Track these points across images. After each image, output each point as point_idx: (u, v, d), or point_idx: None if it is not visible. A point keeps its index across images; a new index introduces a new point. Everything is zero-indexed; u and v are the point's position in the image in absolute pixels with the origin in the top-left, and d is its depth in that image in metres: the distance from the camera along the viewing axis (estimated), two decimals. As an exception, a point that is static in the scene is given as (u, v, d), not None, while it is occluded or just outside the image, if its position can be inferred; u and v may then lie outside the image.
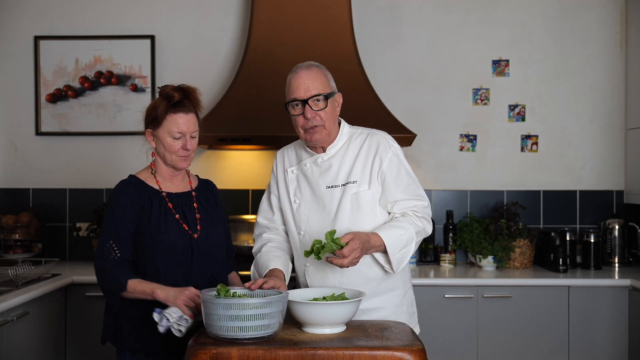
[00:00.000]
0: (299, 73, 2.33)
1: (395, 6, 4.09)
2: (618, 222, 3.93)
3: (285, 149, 2.55)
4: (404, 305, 2.44)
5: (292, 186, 2.44)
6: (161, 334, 2.12)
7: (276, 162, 2.52)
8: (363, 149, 2.38)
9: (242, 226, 3.95)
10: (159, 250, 2.26)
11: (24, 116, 4.11)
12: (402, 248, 2.28)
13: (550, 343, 3.45)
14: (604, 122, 4.08)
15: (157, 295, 2.16)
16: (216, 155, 4.07)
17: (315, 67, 2.35)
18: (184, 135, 2.29)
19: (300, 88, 2.30)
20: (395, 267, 2.30)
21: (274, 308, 1.93)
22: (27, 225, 3.93)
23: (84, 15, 4.10)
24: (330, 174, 2.38)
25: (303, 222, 2.40)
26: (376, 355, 1.85)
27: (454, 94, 4.09)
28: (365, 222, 2.34)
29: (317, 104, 2.30)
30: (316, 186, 2.39)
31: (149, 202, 2.29)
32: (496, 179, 4.09)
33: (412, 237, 2.29)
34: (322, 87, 2.31)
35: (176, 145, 2.29)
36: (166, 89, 2.31)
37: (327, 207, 2.36)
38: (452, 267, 3.87)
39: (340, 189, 2.36)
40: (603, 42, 4.07)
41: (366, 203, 2.35)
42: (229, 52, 4.09)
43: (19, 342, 2.93)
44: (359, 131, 2.45)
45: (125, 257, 2.25)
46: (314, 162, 2.41)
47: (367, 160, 2.37)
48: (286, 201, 2.45)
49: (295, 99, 2.31)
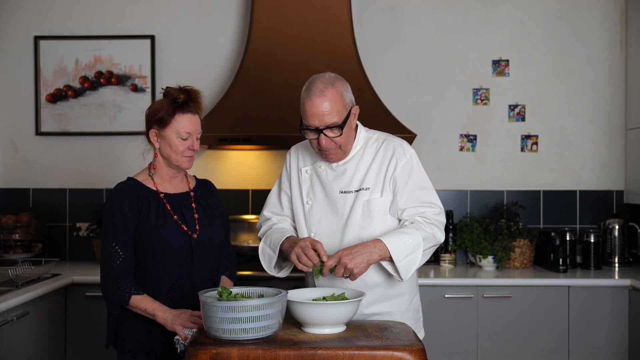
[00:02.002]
0: (313, 100, 2.21)
1: (395, 6, 4.09)
2: (618, 222, 3.93)
3: (299, 146, 2.51)
4: (410, 312, 2.43)
5: (305, 186, 2.42)
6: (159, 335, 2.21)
7: (289, 159, 2.49)
8: (378, 155, 2.36)
9: (242, 226, 3.95)
10: (159, 251, 2.26)
11: (24, 116, 4.11)
12: (409, 254, 2.24)
13: (550, 343, 3.45)
14: (604, 122, 4.08)
15: (158, 318, 2.19)
16: (216, 155, 4.07)
17: (330, 88, 2.23)
18: (192, 135, 2.31)
19: (314, 118, 2.22)
20: (403, 274, 2.25)
21: (273, 309, 1.93)
22: (27, 225, 3.93)
23: (84, 15, 4.10)
24: (345, 179, 2.36)
25: (314, 224, 2.38)
26: (376, 355, 1.85)
27: (454, 94, 4.09)
28: (375, 230, 2.32)
29: (333, 131, 2.25)
30: (330, 190, 2.37)
31: (147, 203, 2.29)
32: (496, 179, 4.09)
33: (418, 243, 2.25)
34: (337, 114, 2.22)
35: (183, 145, 2.30)
36: (171, 90, 2.32)
37: (339, 212, 2.35)
38: (452, 267, 3.87)
39: (353, 195, 2.34)
40: (603, 42, 4.07)
41: (377, 211, 2.33)
42: (229, 52, 4.09)
43: (19, 342, 2.93)
44: (376, 136, 2.41)
45: (129, 260, 2.26)
46: (328, 166, 2.39)
47: (381, 167, 2.34)
48: (298, 200, 2.42)
49: (308, 126, 2.25)
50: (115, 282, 2.23)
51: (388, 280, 2.35)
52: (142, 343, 2.27)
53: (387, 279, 2.34)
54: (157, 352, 2.28)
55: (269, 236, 2.41)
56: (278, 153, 4.06)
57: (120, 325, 2.29)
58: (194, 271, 2.30)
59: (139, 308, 2.21)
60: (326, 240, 2.34)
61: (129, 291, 2.21)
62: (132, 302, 2.21)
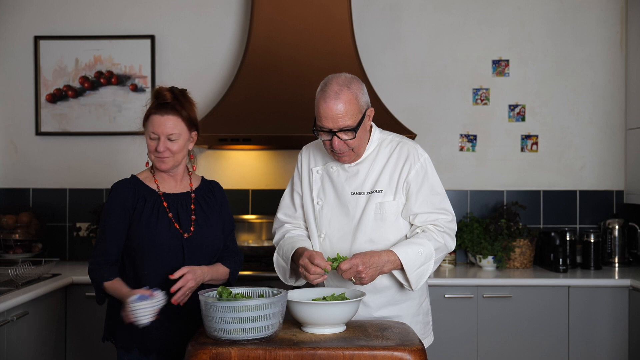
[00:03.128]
0: (327, 102, 2.18)
1: (395, 6, 4.09)
2: (618, 222, 3.94)
3: (310, 146, 2.49)
4: (420, 315, 2.42)
5: (316, 187, 2.40)
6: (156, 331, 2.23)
7: (301, 159, 2.47)
8: (392, 157, 2.33)
9: (242, 226, 3.95)
10: (148, 248, 2.28)
11: (24, 116, 4.11)
12: (421, 265, 2.23)
13: (550, 343, 3.45)
14: (604, 122, 4.08)
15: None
16: (216, 155, 4.07)
17: (346, 90, 2.19)
18: (159, 136, 2.29)
19: (328, 120, 2.19)
20: (414, 285, 2.25)
21: (273, 309, 1.93)
22: (27, 225, 3.93)
23: (84, 15, 4.10)
24: (357, 180, 2.33)
25: (324, 225, 2.36)
26: (376, 355, 1.85)
27: (454, 94, 4.09)
28: (387, 233, 2.31)
29: (346, 134, 2.22)
30: (341, 191, 2.35)
31: (142, 201, 2.31)
32: (496, 179, 4.09)
33: (430, 254, 2.24)
34: (352, 117, 2.19)
35: (152, 146, 2.31)
36: (158, 89, 2.33)
37: (350, 214, 2.33)
38: (452, 267, 3.87)
39: (366, 197, 2.32)
40: (603, 42, 4.07)
41: (390, 214, 2.31)
42: (229, 52, 4.09)
43: (19, 342, 2.93)
44: (390, 138, 2.39)
45: (114, 252, 2.30)
46: (340, 166, 2.36)
47: (395, 170, 2.32)
48: (309, 201, 2.40)
49: (322, 127, 2.23)
50: (93, 271, 2.29)
51: (398, 284, 2.33)
52: (136, 338, 2.28)
53: (397, 282, 2.33)
54: (150, 348, 2.29)
55: (281, 247, 2.40)
56: (278, 153, 4.06)
57: (114, 320, 2.31)
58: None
59: (111, 292, 2.26)
60: (336, 243, 2.34)
61: (105, 277, 2.26)
62: (107, 288, 2.26)
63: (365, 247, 2.29)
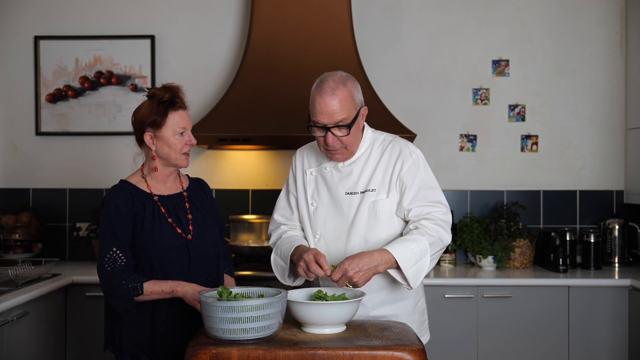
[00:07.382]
0: (323, 97, 2.22)
1: (395, 6, 4.09)
2: (618, 222, 3.93)
3: (304, 148, 2.51)
4: (416, 314, 2.43)
5: (310, 188, 2.42)
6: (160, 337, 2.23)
7: (295, 161, 2.50)
8: (384, 156, 2.35)
9: (242, 226, 3.95)
10: (156, 255, 2.26)
11: (24, 116, 4.11)
12: (417, 262, 2.23)
13: (550, 343, 3.45)
14: (604, 122, 4.08)
15: (177, 293, 2.20)
16: (216, 155, 4.07)
17: (342, 87, 2.23)
18: (186, 130, 2.32)
19: (323, 115, 2.22)
20: (412, 282, 2.24)
21: (273, 309, 1.93)
22: (27, 225, 3.93)
23: (84, 15, 4.10)
24: (350, 180, 2.35)
25: (319, 225, 2.38)
26: (376, 355, 1.85)
27: (454, 94, 4.09)
28: (381, 231, 2.32)
29: (340, 130, 2.25)
30: (335, 191, 2.36)
31: (142, 207, 2.28)
32: (496, 179, 4.09)
33: (425, 249, 2.24)
34: (346, 113, 2.23)
35: (181, 142, 2.30)
36: (155, 91, 2.32)
37: (344, 214, 2.34)
38: (452, 267, 3.87)
39: (359, 196, 2.33)
40: (603, 42, 4.07)
41: (384, 212, 2.32)
42: (229, 52, 4.09)
43: (19, 342, 2.93)
44: (382, 137, 2.41)
45: (130, 262, 2.25)
46: (334, 167, 2.38)
47: (387, 168, 2.34)
48: (303, 202, 2.42)
49: (317, 123, 2.25)
50: (121, 281, 2.21)
51: (393, 283, 2.34)
52: (144, 345, 2.26)
53: (392, 282, 2.33)
54: (160, 355, 2.26)
55: (279, 247, 2.41)
56: (278, 153, 4.06)
57: (119, 328, 2.28)
58: (193, 272, 2.30)
59: (155, 292, 2.21)
60: (331, 243, 2.34)
61: (137, 280, 2.21)
62: (146, 289, 2.20)
63: (360, 246, 2.31)
